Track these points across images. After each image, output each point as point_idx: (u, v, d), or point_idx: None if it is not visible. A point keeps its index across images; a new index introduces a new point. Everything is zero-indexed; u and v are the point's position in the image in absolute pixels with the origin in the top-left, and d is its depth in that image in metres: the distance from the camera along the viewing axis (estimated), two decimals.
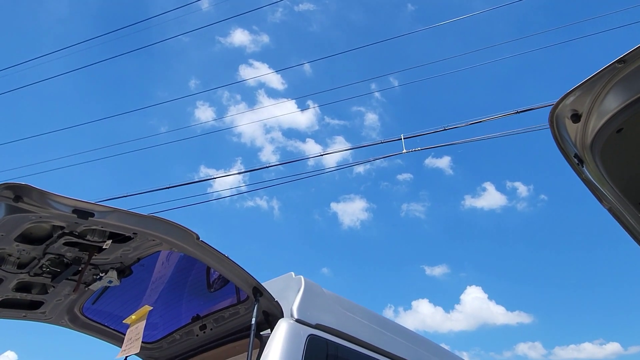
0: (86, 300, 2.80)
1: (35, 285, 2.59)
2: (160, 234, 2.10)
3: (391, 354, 2.73)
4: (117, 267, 2.52)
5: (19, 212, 1.82)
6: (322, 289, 2.70)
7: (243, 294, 2.58)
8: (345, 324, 2.58)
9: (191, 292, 2.85)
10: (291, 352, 2.17)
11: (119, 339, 2.99)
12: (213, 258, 2.23)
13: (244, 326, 2.58)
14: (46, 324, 2.88)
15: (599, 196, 1.85)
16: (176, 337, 2.93)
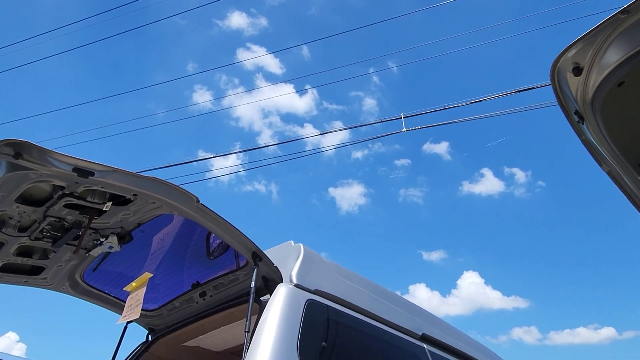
0: (87, 266, 2.81)
1: (36, 250, 2.61)
2: (160, 196, 2.11)
3: (389, 321, 2.76)
4: (118, 232, 2.53)
5: (19, 170, 1.82)
6: (322, 257, 2.72)
7: (242, 260, 2.60)
8: (344, 290, 2.60)
9: (191, 260, 2.86)
10: (290, 316, 2.18)
11: (119, 306, 3.02)
12: (213, 222, 2.23)
13: (243, 292, 2.60)
14: (47, 290, 2.90)
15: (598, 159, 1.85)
16: (176, 304, 2.96)
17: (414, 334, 2.91)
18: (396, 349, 2.73)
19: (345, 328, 2.46)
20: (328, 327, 2.37)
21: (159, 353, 3.07)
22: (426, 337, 2.98)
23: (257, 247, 2.34)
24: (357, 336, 2.53)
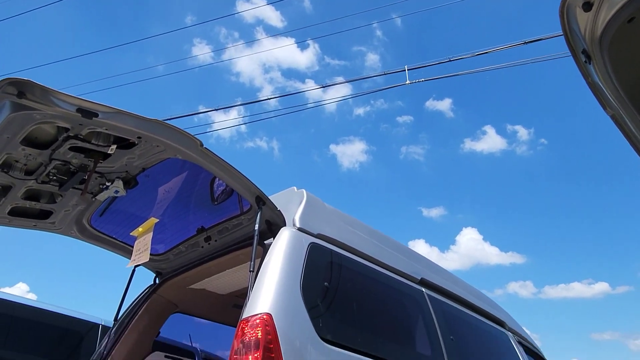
0: (94, 211, 2.87)
1: (44, 194, 2.65)
2: (164, 139, 2.12)
3: (389, 266, 2.84)
4: (123, 176, 2.56)
5: (23, 110, 1.82)
6: (324, 203, 2.76)
7: (246, 205, 2.64)
8: (345, 235, 2.66)
9: (195, 205, 2.91)
10: (293, 258, 2.24)
11: (127, 250, 3.10)
12: (217, 165, 2.25)
13: (247, 236, 2.65)
14: (56, 234, 2.97)
15: (603, 102, 1.84)
16: (182, 249, 3.03)
17: (413, 279, 2.99)
18: (395, 292, 2.82)
19: (346, 271, 2.53)
20: (330, 270, 2.44)
21: (167, 295, 3.18)
22: (425, 281, 3.07)
23: (260, 191, 2.37)
24: (358, 279, 2.61)
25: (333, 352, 2.07)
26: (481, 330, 3.47)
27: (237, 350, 1.86)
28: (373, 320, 2.54)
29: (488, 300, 3.82)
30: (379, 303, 2.68)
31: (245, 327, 1.90)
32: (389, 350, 2.42)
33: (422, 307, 2.91)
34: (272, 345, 1.85)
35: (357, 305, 2.47)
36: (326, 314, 2.20)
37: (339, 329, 2.23)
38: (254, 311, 1.94)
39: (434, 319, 2.90)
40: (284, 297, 2.03)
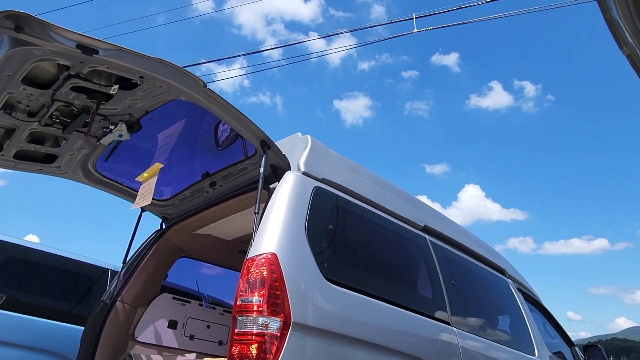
0: (99, 156, 2.87)
1: (48, 137, 2.64)
2: (167, 79, 2.08)
3: (393, 212, 2.85)
4: (126, 119, 2.54)
5: (22, 46, 1.78)
6: (329, 149, 2.74)
7: (250, 150, 2.63)
8: (350, 181, 2.66)
9: (200, 150, 2.90)
10: (298, 201, 2.25)
11: (132, 195, 3.13)
12: (221, 107, 2.22)
13: (252, 181, 2.66)
14: (63, 179, 2.99)
15: (620, 41, 1.77)
16: (187, 194, 3.05)
17: (416, 225, 3.02)
18: (399, 237, 2.85)
19: (351, 215, 2.55)
20: (334, 214, 2.45)
21: (173, 239, 3.24)
22: (428, 228, 3.10)
23: (265, 135, 2.35)
24: (362, 223, 2.63)
25: (337, 291, 2.12)
26: (482, 277, 3.54)
27: (243, 289, 1.90)
28: (376, 263, 2.58)
29: (489, 248, 3.87)
30: (382, 247, 2.72)
31: (250, 266, 1.93)
32: (392, 291, 2.48)
33: (425, 253, 2.95)
34: (277, 283, 1.88)
35: (360, 249, 2.50)
36: (330, 255, 2.24)
37: (343, 270, 2.27)
38: (259, 251, 1.97)
39: (436, 264, 2.95)
40: (288, 238, 2.06)
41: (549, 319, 4.26)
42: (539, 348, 3.55)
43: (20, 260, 4.02)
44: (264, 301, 1.83)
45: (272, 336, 1.78)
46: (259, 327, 1.79)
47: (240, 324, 1.82)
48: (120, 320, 2.89)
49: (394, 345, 2.25)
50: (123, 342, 2.88)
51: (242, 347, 1.77)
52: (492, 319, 3.43)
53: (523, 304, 3.78)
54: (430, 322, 2.58)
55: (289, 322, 1.83)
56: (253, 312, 1.82)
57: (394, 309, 2.37)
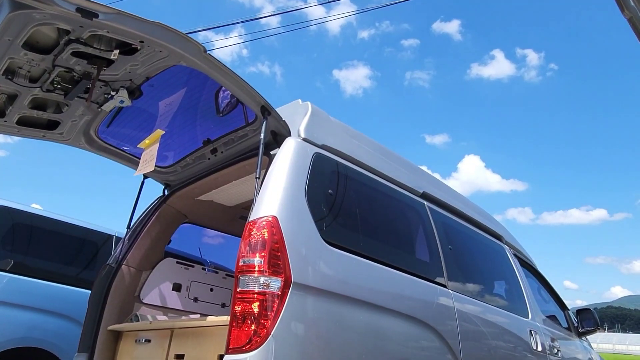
0: (101, 122, 2.89)
1: (50, 103, 2.66)
2: (167, 44, 2.08)
3: (392, 178, 2.89)
4: (127, 86, 2.55)
5: (21, 9, 1.78)
6: (329, 116, 2.76)
7: (251, 116, 2.64)
8: (350, 148, 2.69)
9: (201, 117, 2.92)
10: (298, 167, 2.29)
11: (134, 162, 3.17)
12: (221, 73, 2.23)
13: (253, 147, 2.69)
14: (66, 145, 3.02)
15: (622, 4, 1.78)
16: (189, 161, 3.09)
17: (415, 192, 3.06)
18: (397, 203, 2.90)
19: (350, 181, 2.59)
20: (334, 179, 2.49)
21: (176, 205, 3.29)
22: (426, 195, 3.15)
23: (265, 101, 2.37)
24: (362, 189, 2.67)
25: (336, 253, 2.18)
26: (478, 242, 3.61)
27: (244, 251, 1.96)
28: (375, 228, 2.64)
29: (487, 215, 3.94)
30: (381, 213, 2.77)
31: (252, 229, 1.99)
32: (390, 255, 2.54)
33: (423, 219, 3.01)
34: (277, 245, 1.94)
35: (360, 214, 2.55)
36: (330, 219, 2.29)
37: (342, 233, 2.33)
38: (260, 214, 2.02)
39: (434, 229, 3.01)
40: (288, 202, 2.10)
41: (544, 284, 4.37)
42: (533, 311, 3.66)
43: (26, 226, 4.11)
44: (265, 262, 1.89)
45: (273, 295, 1.85)
46: (261, 286, 1.85)
47: (242, 283, 1.88)
48: (126, 283, 2.98)
49: (391, 306, 2.33)
50: (129, 303, 2.98)
51: (244, 305, 1.85)
52: (487, 283, 3.52)
53: (519, 269, 3.87)
54: (427, 284, 2.65)
55: (290, 282, 1.89)
56: (255, 272, 1.88)
57: (392, 272, 2.44)
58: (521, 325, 3.39)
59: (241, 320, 1.83)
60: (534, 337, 3.41)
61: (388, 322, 2.28)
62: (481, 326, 2.95)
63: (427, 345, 2.46)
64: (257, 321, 1.80)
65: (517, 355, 3.23)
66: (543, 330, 3.61)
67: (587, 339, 4.57)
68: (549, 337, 3.66)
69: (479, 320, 2.94)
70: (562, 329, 4.14)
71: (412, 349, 2.38)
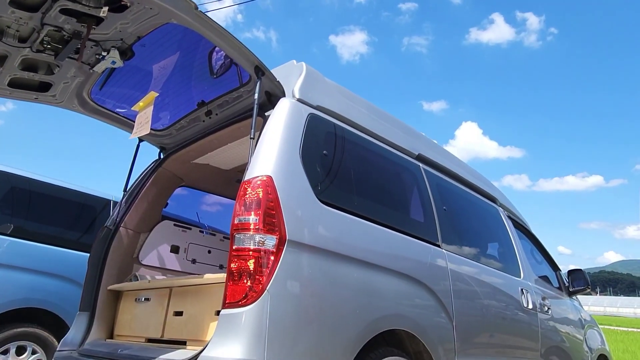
0: (93, 84, 2.86)
1: (41, 64, 2.63)
2: (157, 0, 2.04)
3: (387, 140, 2.90)
4: (119, 46, 2.52)
5: None
6: (324, 77, 2.74)
7: (245, 77, 2.62)
8: (346, 109, 2.67)
9: (195, 79, 2.89)
10: (292, 127, 2.29)
11: (129, 125, 3.15)
12: (214, 32, 2.19)
13: (247, 109, 2.67)
14: (59, 107, 3.00)
15: None
16: (183, 123, 3.08)
17: (411, 153, 3.07)
18: (393, 165, 2.91)
19: (345, 142, 2.59)
20: (329, 140, 2.49)
21: (172, 169, 3.30)
22: (422, 157, 3.16)
23: (259, 61, 2.34)
24: (357, 150, 2.68)
25: (331, 213, 2.21)
26: (473, 204, 3.65)
27: (240, 210, 1.98)
28: (370, 189, 2.66)
29: (482, 178, 3.96)
30: (376, 174, 2.79)
31: (247, 188, 2.00)
32: (385, 215, 2.57)
33: (418, 180, 3.03)
34: (272, 203, 1.96)
35: (355, 175, 2.57)
36: (324, 179, 2.30)
37: (337, 193, 2.35)
38: (254, 173, 2.03)
39: (428, 191, 3.03)
40: (283, 162, 2.11)
41: (537, 246, 4.44)
42: (525, 271, 3.74)
43: (24, 191, 4.12)
44: (260, 220, 1.92)
45: (268, 252, 1.89)
46: (256, 243, 1.89)
47: (238, 240, 1.91)
48: (125, 245, 3.02)
49: (386, 264, 2.38)
50: (128, 264, 3.03)
51: (240, 262, 1.88)
52: (481, 244, 3.58)
53: (512, 231, 3.93)
54: (421, 244, 2.70)
55: (284, 240, 1.93)
56: (250, 230, 1.91)
57: (386, 231, 2.48)
58: (513, 284, 3.47)
59: (237, 276, 1.87)
60: (525, 296, 3.50)
61: (382, 280, 2.33)
62: (473, 285, 3.02)
63: (420, 302, 2.53)
64: (253, 277, 1.85)
65: (508, 313, 3.32)
66: (534, 289, 3.70)
67: (577, 298, 4.69)
68: (540, 295, 3.76)
69: (471, 279, 3.01)
70: (553, 289, 4.24)
71: (406, 306, 2.44)
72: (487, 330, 3.06)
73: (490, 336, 3.09)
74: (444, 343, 2.59)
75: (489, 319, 3.08)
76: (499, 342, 3.18)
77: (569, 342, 4.04)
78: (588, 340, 4.43)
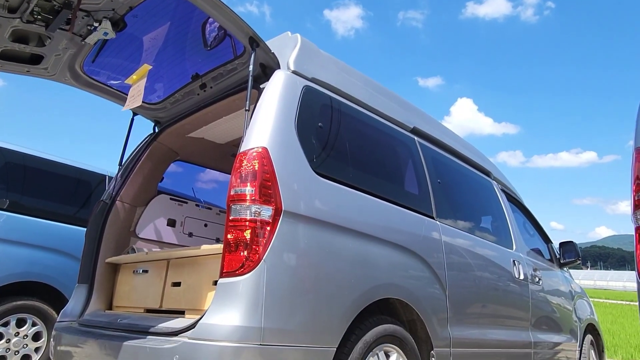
0: (86, 56, 2.83)
1: (31, 35, 2.59)
2: None
3: (382, 113, 2.90)
4: (110, 16, 2.48)
5: None
6: (319, 49, 2.71)
7: (239, 48, 2.59)
8: (340, 81, 2.67)
9: (189, 51, 2.86)
10: (287, 99, 2.28)
11: (122, 98, 3.13)
12: (207, 1, 2.16)
13: (242, 81, 2.66)
14: (51, 81, 2.97)
15: None
16: (178, 97, 3.06)
17: (406, 127, 3.08)
18: (387, 137, 2.92)
19: (340, 115, 2.59)
20: (324, 112, 2.50)
21: (167, 142, 3.29)
22: (417, 130, 3.17)
23: (254, 32, 2.31)
24: (352, 123, 2.68)
25: (326, 184, 2.22)
26: (467, 177, 3.68)
27: (235, 182, 1.99)
28: (365, 161, 2.68)
29: (476, 151, 3.98)
30: (371, 146, 2.80)
31: (243, 160, 2.01)
32: (380, 187, 2.59)
33: (413, 153, 3.05)
34: (268, 175, 1.98)
35: (350, 147, 2.58)
36: (320, 151, 2.31)
37: (332, 165, 2.36)
38: (250, 145, 2.04)
39: (423, 164, 3.05)
40: (278, 133, 2.12)
41: (530, 219, 4.50)
42: (517, 243, 3.80)
43: (20, 166, 4.11)
44: (256, 191, 1.94)
45: (264, 222, 1.91)
46: (252, 214, 1.91)
47: (234, 211, 1.93)
48: (121, 218, 3.04)
49: (380, 235, 2.41)
50: (125, 238, 3.05)
51: (237, 232, 1.91)
52: (474, 216, 3.62)
53: (505, 204, 3.98)
54: (416, 215, 2.73)
55: (280, 210, 1.95)
56: (247, 201, 1.93)
57: (381, 203, 2.51)
58: (505, 255, 3.54)
59: (234, 246, 1.90)
60: (516, 267, 3.57)
61: (377, 250, 2.37)
62: (467, 256, 3.07)
63: (414, 273, 2.58)
64: (249, 247, 1.87)
65: (500, 283, 3.39)
66: (526, 261, 3.77)
67: (568, 270, 4.79)
68: (532, 267, 3.83)
69: (464, 251, 3.06)
70: (545, 260, 4.32)
71: (400, 276, 2.48)
72: (479, 300, 3.13)
73: (482, 306, 3.17)
74: (437, 312, 2.65)
75: (481, 290, 3.15)
76: (491, 312, 3.26)
77: (558, 312, 4.14)
78: (577, 310, 4.54)
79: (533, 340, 3.61)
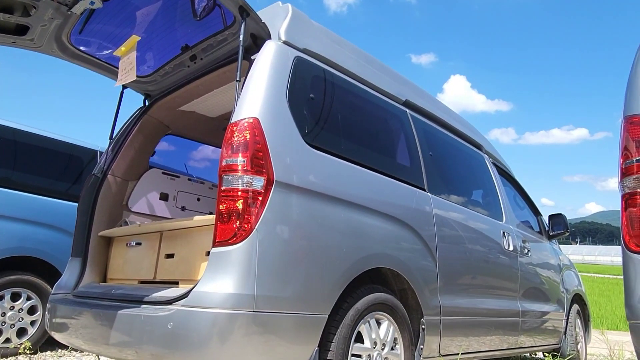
0: (73, 27, 2.77)
1: (16, 5, 2.53)
2: None
3: (374, 85, 2.89)
4: None
5: None
6: (311, 20, 2.68)
7: (229, 18, 2.55)
8: (333, 53, 2.65)
9: (178, 21, 2.81)
10: (278, 70, 2.26)
11: (112, 71, 3.08)
12: None
13: (232, 52, 2.62)
14: (38, 52, 2.91)
15: None
16: (168, 69, 3.02)
17: (398, 99, 3.07)
18: (379, 110, 2.92)
19: (332, 86, 2.58)
20: (315, 83, 2.48)
21: (158, 116, 3.27)
22: (409, 103, 3.16)
23: (243, 1, 2.27)
24: (344, 94, 2.67)
25: (318, 155, 2.23)
26: (459, 150, 3.70)
27: (227, 153, 1.99)
28: (356, 132, 2.68)
29: (468, 125, 3.99)
30: (362, 118, 2.80)
31: (234, 130, 2.01)
32: (371, 158, 2.60)
33: (405, 126, 3.05)
34: (259, 145, 1.98)
35: (341, 118, 2.58)
36: (311, 122, 2.31)
37: (324, 137, 2.36)
38: (241, 115, 2.03)
39: (415, 136, 3.06)
40: (270, 104, 2.11)
41: (520, 192, 4.56)
42: (507, 215, 3.85)
43: (10, 141, 4.07)
44: (247, 161, 1.94)
45: (256, 192, 1.92)
46: (244, 184, 1.91)
47: (226, 182, 1.94)
48: (113, 192, 3.03)
49: (372, 206, 2.44)
50: (118, 211, 3.05)
51: (229, 202, 1.92)
52: (465, 188, 3.66)
53: (496, 177, 4.02)
54: (407, 187, 2.76)
55: (272, 180, 1.96)
56: (238, 171, 1.93)
57: (373, 174, 2.53)
58: (495, 227, 3.59)
59: (226, 217, 1.91)
60: (506, 239, 3.63)
61: (368, 221, 2.40)
62: (457, 228, 3.12)
63: (405, 243, 2.61)
64: (242, 217, 1.89)
65: (490, 255, 3.45)
66: (515, 233, 3.83)
67: (557, 242, 4.87)
68: (521, 238, 3.89)
69: (455, 223, 3.10)
70: (534, 232, 4.39)
71: (391, 246, 2.52)
72: (469, 271, 3.19)
73: (472, 277, 3.23)
74: (428, 282, 2.70)
75: (471, 261, 3.21)
76: (480, 282, 3.32)
77: (546, 283, 4.23)
78: (565, 281, 4.64)
79: (521, 309, 3.70)
